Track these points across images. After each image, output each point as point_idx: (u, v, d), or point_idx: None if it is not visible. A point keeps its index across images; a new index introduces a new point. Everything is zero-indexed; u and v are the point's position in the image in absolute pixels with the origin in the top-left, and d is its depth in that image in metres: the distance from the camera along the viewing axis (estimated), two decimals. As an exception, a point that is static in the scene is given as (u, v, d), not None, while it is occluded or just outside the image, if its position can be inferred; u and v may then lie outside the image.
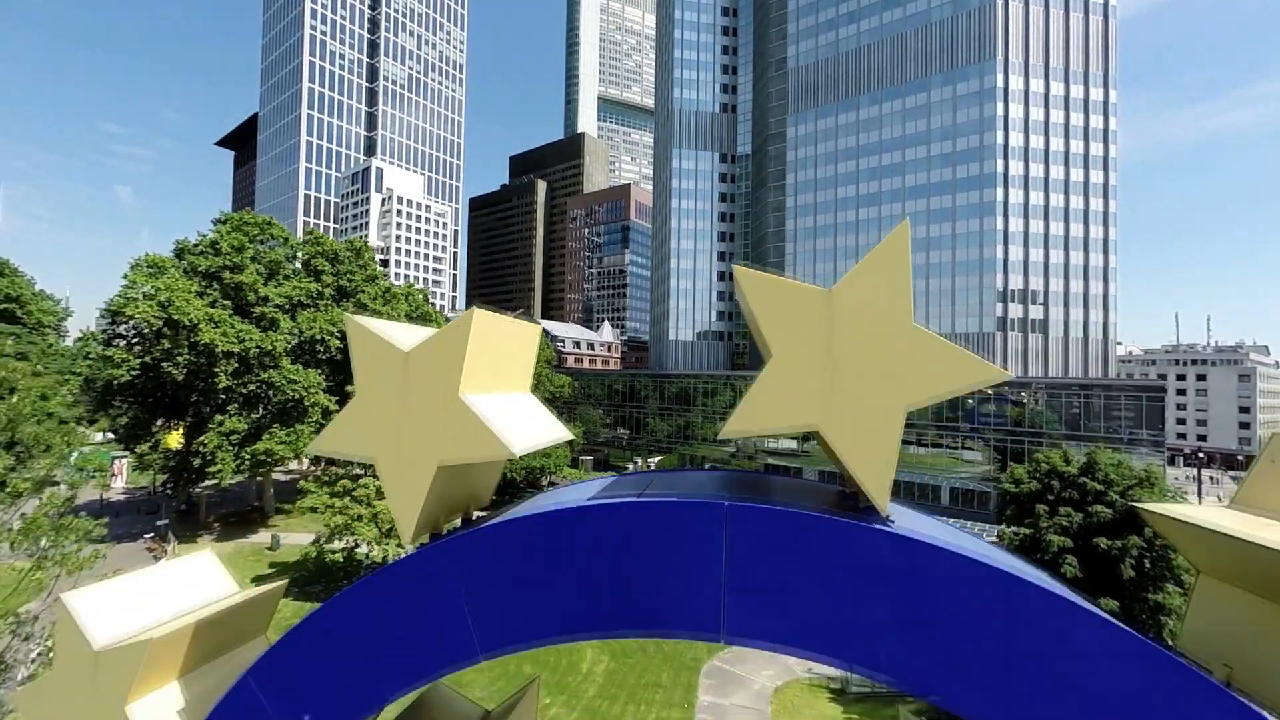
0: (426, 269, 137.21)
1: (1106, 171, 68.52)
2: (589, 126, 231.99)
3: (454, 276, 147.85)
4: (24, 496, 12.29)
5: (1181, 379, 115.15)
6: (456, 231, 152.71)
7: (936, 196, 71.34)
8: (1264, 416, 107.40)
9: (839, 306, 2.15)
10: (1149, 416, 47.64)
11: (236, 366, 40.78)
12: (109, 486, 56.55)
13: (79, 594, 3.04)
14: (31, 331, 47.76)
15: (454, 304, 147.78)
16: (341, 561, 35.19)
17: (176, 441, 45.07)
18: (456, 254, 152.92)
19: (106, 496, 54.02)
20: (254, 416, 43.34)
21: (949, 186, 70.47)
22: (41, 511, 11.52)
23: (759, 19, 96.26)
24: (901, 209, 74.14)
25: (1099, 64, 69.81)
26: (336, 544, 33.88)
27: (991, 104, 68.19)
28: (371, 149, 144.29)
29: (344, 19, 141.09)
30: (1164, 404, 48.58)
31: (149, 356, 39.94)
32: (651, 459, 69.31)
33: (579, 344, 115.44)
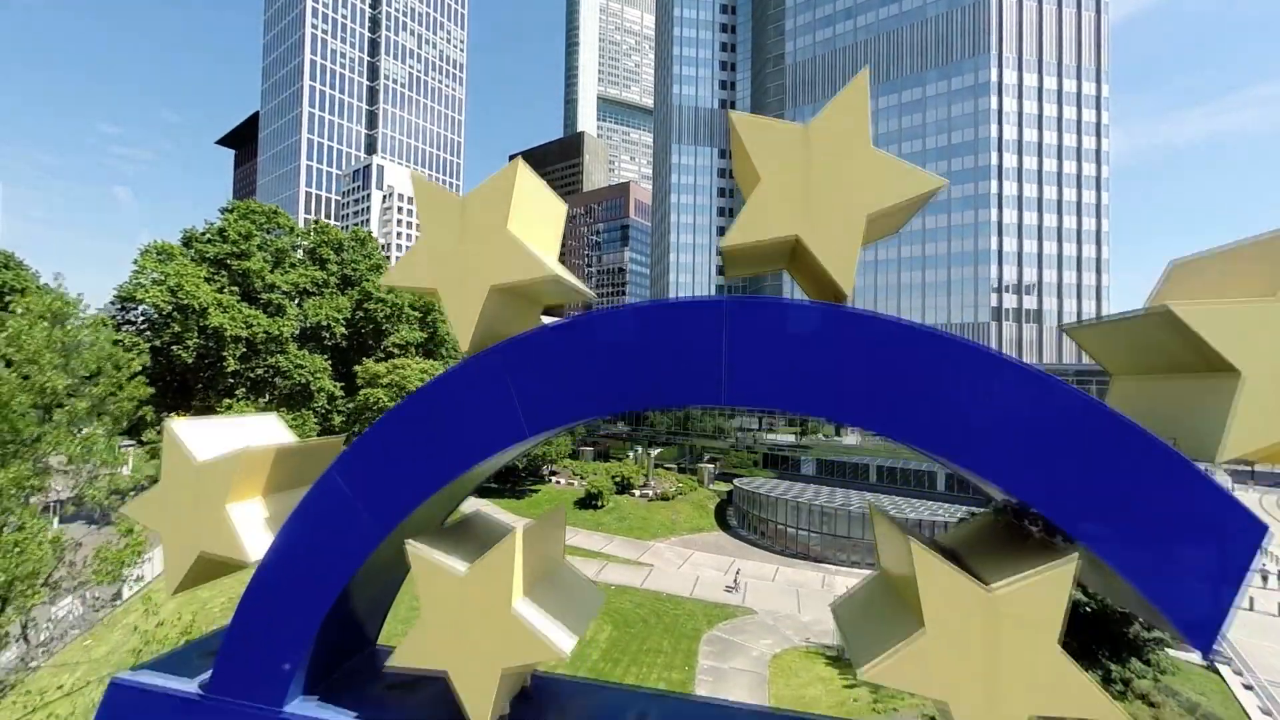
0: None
1: (1099, 164, 69.55)
2: (588, 125, 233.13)
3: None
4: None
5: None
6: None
7: (932, 189, 72.25)
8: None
9: (814, 136, 2.83)
10: (1140, 401, 48.45)
11: (244, 351, 41.56)
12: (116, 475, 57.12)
13: (181, 422, 3.77)
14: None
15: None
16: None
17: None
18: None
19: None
20: (261, 401, 44.08)
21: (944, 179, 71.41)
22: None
23: (757, 16, 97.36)
24: (898, 202, 74.91)
25: (1091, 58, 70.85)
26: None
27: (986, 98, 69.21)
28: (372, 147, 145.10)
29: (345, 18, 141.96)
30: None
31: (159, 340, 40.71)
32: (652, 450, 70.06)
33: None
